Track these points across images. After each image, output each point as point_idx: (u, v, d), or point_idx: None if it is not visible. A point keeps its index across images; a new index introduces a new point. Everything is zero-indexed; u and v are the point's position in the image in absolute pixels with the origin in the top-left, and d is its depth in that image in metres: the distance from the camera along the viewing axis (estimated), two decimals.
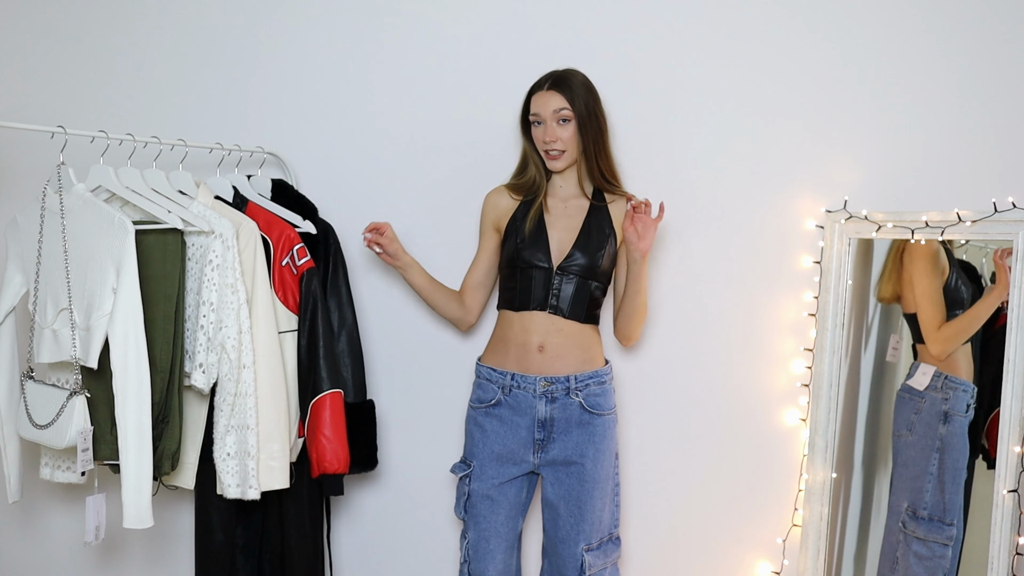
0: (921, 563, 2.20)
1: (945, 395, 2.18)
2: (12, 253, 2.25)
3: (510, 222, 2.25)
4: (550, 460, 2.19)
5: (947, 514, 2.18)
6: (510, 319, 2.23)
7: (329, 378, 2.29)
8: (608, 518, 2.23)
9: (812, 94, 2.26)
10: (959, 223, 2.10)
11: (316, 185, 2.63)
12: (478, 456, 2.23)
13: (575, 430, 2.18)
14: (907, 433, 2.23)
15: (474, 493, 2.22)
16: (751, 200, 2.31)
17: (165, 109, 2.77)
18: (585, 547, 2.17)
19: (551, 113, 2.15)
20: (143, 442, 2.04)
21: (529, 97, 2.20)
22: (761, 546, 2.35)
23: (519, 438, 2.20)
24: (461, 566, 2.28)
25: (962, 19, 2.15)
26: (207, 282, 2.12)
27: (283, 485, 2.22)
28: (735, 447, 2.36)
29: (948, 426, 2.18)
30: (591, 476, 2.17)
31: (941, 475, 2.19)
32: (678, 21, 2.35)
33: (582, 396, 2.17)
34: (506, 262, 2.25)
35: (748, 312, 2.33)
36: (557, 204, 2.25)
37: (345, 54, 2.62)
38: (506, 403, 2.21)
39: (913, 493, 2.22)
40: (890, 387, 2.29)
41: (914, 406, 2.22)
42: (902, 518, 2.23)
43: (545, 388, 2.17)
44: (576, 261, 2.18)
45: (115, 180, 2.18)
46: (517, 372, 2.19)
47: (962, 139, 2.15)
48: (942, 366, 2.19)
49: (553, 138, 2.16)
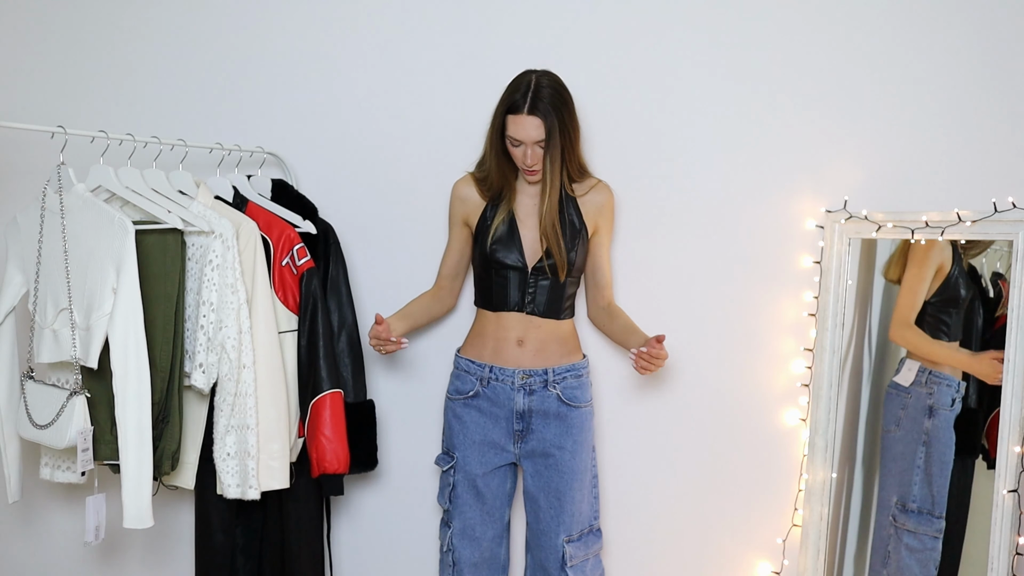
0: (913, 555, 2.21)
1: (930, 390, 2.20)
2: (12, 253, 2.25)
3: (480, 221, 2.25)
4: (529, 451, 2.22)
5: (935, 507, 2.20)
6: (487, 317, 2.27)
7: (329, 378, 2.29)
8: (588, 509, 2.26)
9: (812, 94, 2.26)
10: (959, 223, 2.10)
11: (316, 185, 2.63)
12: (459, 447, 2.26)
13: (553, 422, 2.21)
14: (895, 428, 2.25)
15: (459, 483, 2.26)
16: (751, 200, 2.31)
17: (165, 109, 2.77)
18: (566, 538, 2.20)
19: (532, 140, 2.12)
20: (143, 442, 2.04)
21: (506, 114, 2.14)
22: (761, 546, 2.35)
23: (499, 428, 2.24)
24: (444, 555, 2.29)
25: (962, 19, 2.14)
26: (207, 282, 2.12)
27: (283, 485, 2.22)
28: (735, 447, 2.36)
29: (933, 420, 2.20)
30: (569, 467, 2.20)
31: (928, 468, 2.21)
32: (677, 21, 2.34)
33: (559, 388, 2.21)
34: (479, 261, 2.27)
35: (748, 312, 2.33)
36: (527, 201, 2.24)
37: (345, 54, 2.62)
38: (484, 395, 2.24)
39: (902, 487, 2.23)
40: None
41: (901, 402, 2.24)
42: (892, 512, 2.24)
43: (524, 381, 2.21)
44: (549, 261, 2.19)
45: (115, 180, 2.18)
46: (495, 364, 2.23)
47: (962, 139, 2.15)
48: (926, 362, 2.22)
49: (535, 161, 2.14)
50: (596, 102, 2.38)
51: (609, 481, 2.46)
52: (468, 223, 2.29)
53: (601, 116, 2.38)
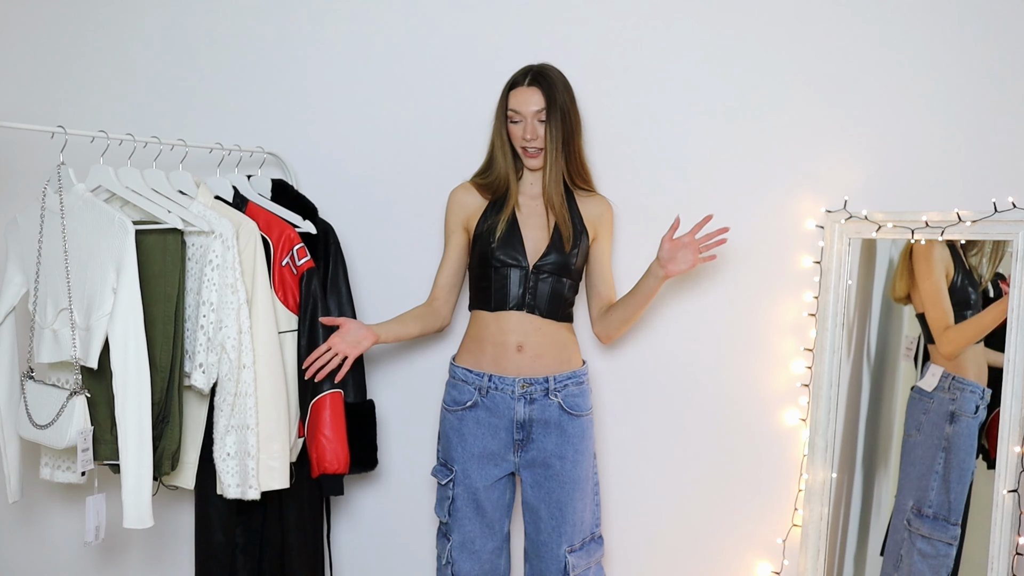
0: (925, 561, 2.20)
1: (952, 395, 2.18)
2: (12, 253, 2.25)
3: (480, 221, 2.23)
4: (529, 461, 2.18)
5: (952, 513, 2.18)
6: (485, 320, 2.21)
7: (329, 378, 2.29)
8: (590, 518, 2.22)
9: (812, 94, 2.26)
10: (959, 223, 2.10)
11: (316, 185, 2.63)
12: (459, 460, 2.20)
13: (554, 432, 2.16)
14: (916, 433, 2.23)
15: (459, 497, 2.20)
16: (751, 200, 2.31)
17: (165, 109, 2.77)
18: (568, 548, 2.16)
19: (532, 112, 2.14)
20: (143, 442, 2.04)
21: (508, 92, 2.18)
22: (761, 546, 2.35)
23: (499, 439, 2.18)
24: (443, 567, 2.24)
25: (962, 19, 2.14)
26: (207, 282, 2.12)
27: (283, 485, 2.22)
28: (735, 447, 2.36)
29: (954, 426, 2.18)
30: (571, 477, 2.16)
31: (947, 474, 2.19)
32: (676, 21, 2.35)
33: (561, 397, 2.16)
34: (478, 262, 2.23)
35: (748, 312, 2.33)
36: (528, 202, 2.23)
37: (345, 54, 2.62)
38: (483, 404, 2.18)
39: (919, 491, 2.22)
40: (890, 386, 2.29)
41: (923, 406, 2.22)
42: (907, 516, 2.23)
43: (524, 389, 2.16)
44: (551, 260, 2.17)
45: (115, 180, 2.18)
46: (494, 373, 2.17)
47: (962, 139, 2.15)
48: (950, 367, 2.19)
49: (534, 136, 2.15)
50: (596, 103, 2.38)
51: (608, 482, 2.46)
52: (467, 226, 2.27)
53: (601, 117, 2.38)
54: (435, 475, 2.26)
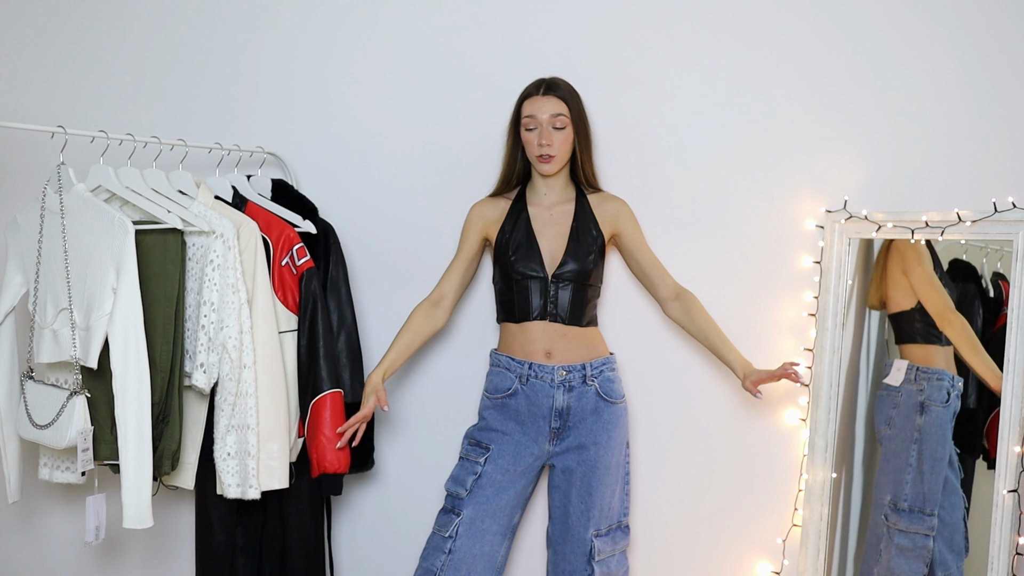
0: (903, 555, 2.22)
1: (920, 386, 2.21)
2: (12, 253, 2.25)
3: (500, 235, 2.27)
4: (564, 448, 2.22)
5: (927, 504, 2.20)
6: (512, 331, 2.26)
7: (329, 378, 2.29)
8: (618, 505, 2.26)
9: (812, 94, 2.26)
10: (959, 223, 2.10)
11: (316, 185, 2.63)
12: (495, 441, 2.23)
13: (590, 418, 2.21)
14: (886, 428, 2.26)
15: (485, 475, 2.21)
16: (751, 200, 2.31)
17: (165, 109, 2.78)
18: (594, 532, 2.19)
19: (547, 118, 2.18)
20: (143, 442, 2.04)
21: (521, 103, 2.23)
22: (761, 546, 2.35)
23: (536, 426, 2.21)
24: (443, 540, 2.19)
25: (961, 19, 2.14)
26: (208, 282, 2.12)
27: (283, 485, 2.22)
28: (735, 447, 2.36)
29: (925, 416, 2.21)
30: (603, 462, 2.20)
31: (920, 465, 2.21)
32: (676, 22, 2.35)
33: (598, 382, 2.21)
34: (500, 276, 2.28)
35: (748, 312, 2.33)
36: (542, 212, 2.27)
37: (345, 54, 2.62)
38: (523, 392, 2.22)
39: (895, 486, 2.24)
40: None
41: (892, 401, 2.25)
42: (884, 511, 2.25)
43: (563, 377, 2.20)
44: (569, 268, 2.21)
45: (115, 180, 2.18)
46: (535, 362, 2.21)
47: (962, 139, 2.15)
48: (915, 360, 2.22)
49: (549, 142, 2.18)
50: (596, 104, 2.38)
51: None
52: (488, 236, 2.31)
53: (601, 118, 2.38)
54: (464, 454, 2.26)
